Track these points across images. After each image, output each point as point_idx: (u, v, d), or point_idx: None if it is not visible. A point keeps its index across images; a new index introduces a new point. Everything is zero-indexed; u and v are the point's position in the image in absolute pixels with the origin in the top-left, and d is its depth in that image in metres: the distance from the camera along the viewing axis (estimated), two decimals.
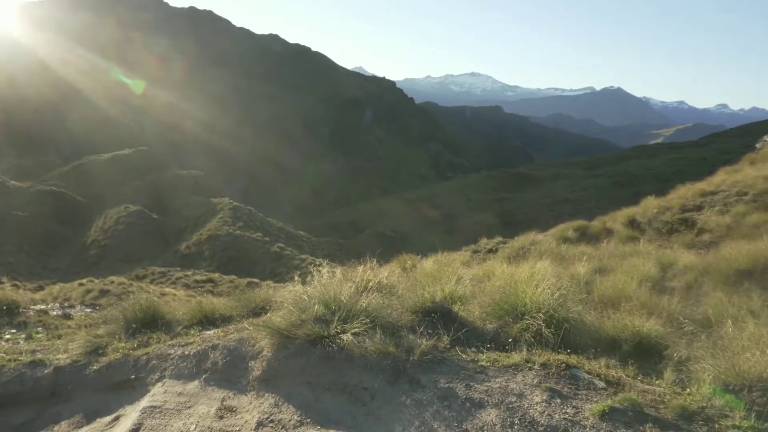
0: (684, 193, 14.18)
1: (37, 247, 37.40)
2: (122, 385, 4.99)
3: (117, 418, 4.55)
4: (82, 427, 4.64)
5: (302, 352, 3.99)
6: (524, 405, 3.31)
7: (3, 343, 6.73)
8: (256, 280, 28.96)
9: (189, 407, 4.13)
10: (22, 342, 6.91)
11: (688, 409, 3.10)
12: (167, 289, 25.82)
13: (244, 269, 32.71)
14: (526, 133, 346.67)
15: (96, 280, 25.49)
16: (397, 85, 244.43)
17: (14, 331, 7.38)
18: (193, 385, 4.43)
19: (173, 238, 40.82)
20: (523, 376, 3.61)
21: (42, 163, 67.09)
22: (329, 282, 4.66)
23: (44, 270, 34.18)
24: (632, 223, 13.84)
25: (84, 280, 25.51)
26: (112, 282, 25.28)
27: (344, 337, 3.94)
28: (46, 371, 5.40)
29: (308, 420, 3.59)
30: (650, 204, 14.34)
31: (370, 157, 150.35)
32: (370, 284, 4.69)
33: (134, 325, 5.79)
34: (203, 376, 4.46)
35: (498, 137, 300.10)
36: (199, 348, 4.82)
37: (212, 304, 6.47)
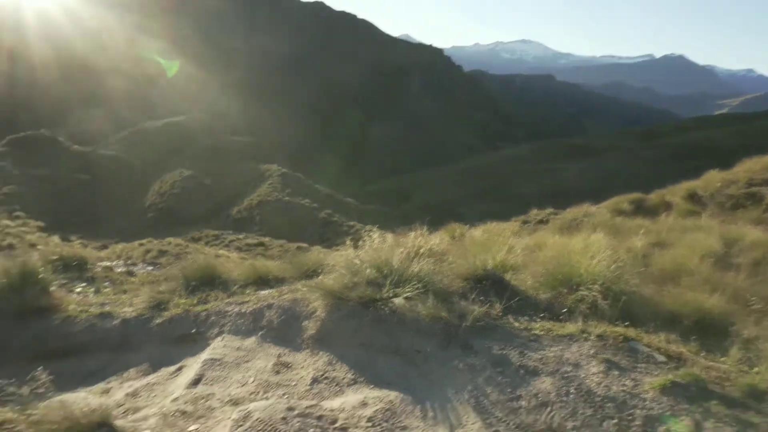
0: (751, 166, 13.39)
1: (99, 208, 39.29)
2: (184, 338, 5.25)
3: (180, 369, 4.80)
4: (149, 374, 4.93)
5: (355, 314, 4.07)
6: (580, 375, 3.27)
7: (74, 295, 7.18)
8: (305, 245, 29.62)
9: (247, 361, 4.31)
10: (91, 295, 7.36)
11: (757, 388, 2.98)
12: (221, 251, 26.79)
13: (293, 234, 33.50)
14: (580, 102, 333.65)
15: (155, 241, 26.60)
16: (445, 53, 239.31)
17: (84, 284, 7.85)
18: (250, 341, 4.61)
19: (225, 202, 42.17)
20: (579, 347, 3.56)
21: (102, 129, 69.98)
22: (380, 247, 4.69)
23: (106, 231, 36.02)
24: (693, 197, 13.23)
25: (144, 241, 26.68)
26: (170, 243, 26.36)
27: (396, 300, 3.97)
28: (114, 323, 5.75)
29: (362, 379, 3.68)
30: (713, 177, 13.62)
31: (416, 126, 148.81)
32: (421, 251, 4.69)
33: (193, 283, 6.05)
34: (259, 333, 4.64)
35: (550, 106, 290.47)
36: (255, 306, 5.00)
37: (266, 266, 6.67)
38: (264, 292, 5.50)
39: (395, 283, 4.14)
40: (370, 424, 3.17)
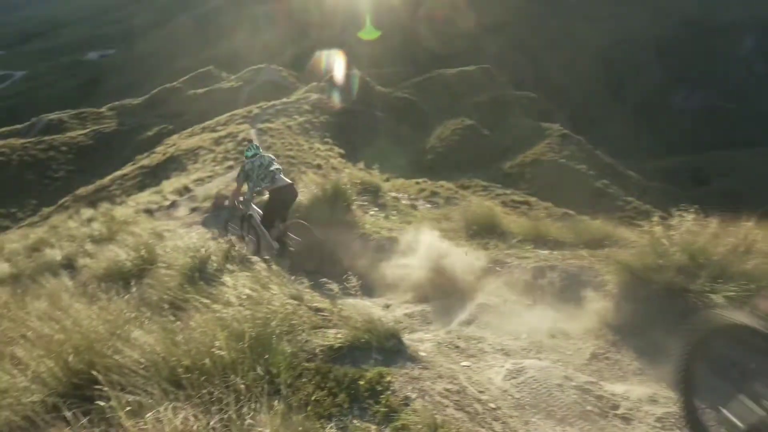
0: None
1: (387, 145, 43.91)
2: (455, 274, 5.50)
3: (450, 304, 5.07)
4: (423, 303, 5.34)
5: (656, 299, 3.60)
6: None
7: (369, 217, 8.24)
8: (571, 212, 28.16)
9: (520, 316, 4.26)
10: (381, 220, 8.33)
11: None
12: (487, 203, 27.44)
13: (561, 199, 32.06)
14: None
15: (429, 182, 28.53)
16: None
17: (376, 209, 8.91)
18: (527, 297, 4.56)
19: (498, 155, 42.60)
20: None
21: (400, 73, 77.08)
22: (699, 231, 3.99)
23: (389, 165, 40.30)
24: None
25: (420, 180, 28.89)
26: (442, 186, 27.97)
27: (714, 297, 3.35)
28: (399, 247, 6.42)
29: (650, 372, 3.29)
30: None
31: (735, 96, 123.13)
32: (756, 245, 3.84)
33: (474, 228, 6.27)
34: (537, 291, 4.54)
35: None
36: (535, 264, 4.90)
37: (546, 226, 6.48)
38: (544, 252, 5.34)
39: (713, 277, 3.49)
40: (659, 425, 2.80)
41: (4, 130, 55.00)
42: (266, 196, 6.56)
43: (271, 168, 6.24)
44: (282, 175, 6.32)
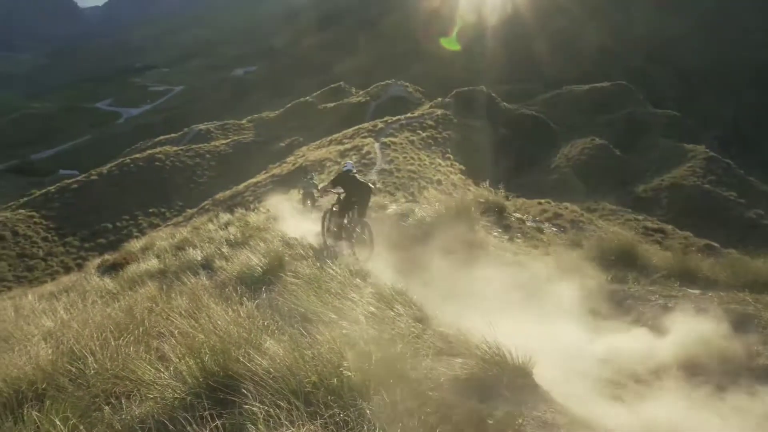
0: None
1: (509, 162, 42.67)
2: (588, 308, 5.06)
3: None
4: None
5: None
6: None
7: (492, 238, 7.95)
8: (715, 245, 25.23)
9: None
10: (505, 242, 8.01)
11: None
12: (613, 228, 25.50)
13: (703, 229, 28.90)
14: None
15: (552, 203, 27.24)
16: None
17: (500, 230, 8.58)
18: (665, 340, 4.03)
19: (631, 177, 39.50)
20: None
21: (527, 90, 74.94)
22: None
23: (509, 184, 39.13)
24: None
25: (542, 200, 27.69)
26: (566, 208, 26.59)
27: None
28: (526, 273, 6.08)
29: None
30: None
31: None
32: None
33: (611, 258, 5.75)
34: (672, 336, 3.99)
35: None
36: (683, 305, 4.34)
37: (695, 261, 5.77)
38: (694, 291, 4.72)
39: None
40: None
41: (161, 138, 62.51)
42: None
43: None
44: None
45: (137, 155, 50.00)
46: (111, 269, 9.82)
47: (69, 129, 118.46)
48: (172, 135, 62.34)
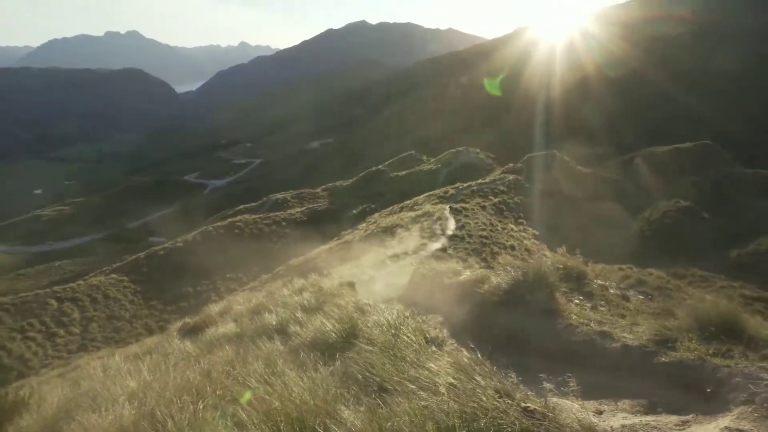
0: None
1: (586, 227, 41.16)
2: (692, 388, 4.57)
3: (685, 423, 4.18)
4: (646, 413, 4.52)
5: None
6: None
7: (572, 306, 7.50)
8: None
9: None
10: (587, 310, 7.52)
11: None
12: (707, 295, 23.52)
13: None
14: None
15: (635, 269, 25.79)
16: None
17: (581, 298, 8.09)
18: None
19: (722, 242, 36.69)
20: None
21: (604, 153, 73.14)
22: None
23: (586, 249, 37.41)
24: None
25: (623, 266, 26.25)
26: (651, 274, 25.04)
27: None
28: (614, 345, 5.59)
29: None
30: None
31: None
32: None
33: (711, 329, 5.21)
34: None
35: None
36: None
37: None
38: None
39: None
40: None
41: (242, 207, 65.97)
42: None
43: None
44: None
45: (219, 223, 52.89)
46: (191, 332, 10.14)
47: (161, 199, 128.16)
48: (252, 204, 65.74)
